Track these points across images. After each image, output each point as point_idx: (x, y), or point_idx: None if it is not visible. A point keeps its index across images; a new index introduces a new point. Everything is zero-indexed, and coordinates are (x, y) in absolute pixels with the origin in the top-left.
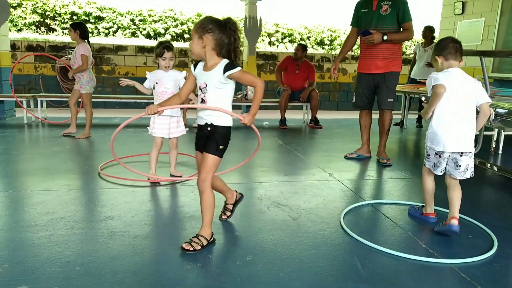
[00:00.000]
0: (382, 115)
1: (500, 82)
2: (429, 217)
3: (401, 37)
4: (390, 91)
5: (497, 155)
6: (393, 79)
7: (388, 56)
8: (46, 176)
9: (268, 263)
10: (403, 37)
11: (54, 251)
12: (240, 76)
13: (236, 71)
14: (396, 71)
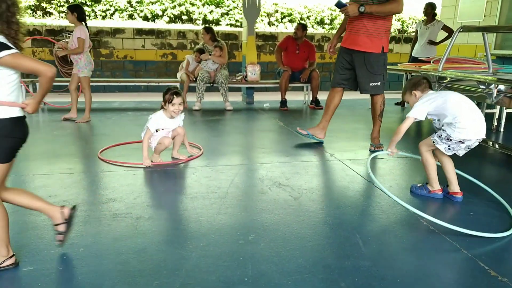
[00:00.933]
0: (371, 100)
1: (502, 59)
2: (437, 194)
3: (384, 10)
4: (371, 75)
5: (499, 133)
6: (374, 61)
7: (371, 33)
8: (47, 160)
9: (270, 242)
10: (387, 10)
11: None
12: (12, 63)
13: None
14: (376, 52)
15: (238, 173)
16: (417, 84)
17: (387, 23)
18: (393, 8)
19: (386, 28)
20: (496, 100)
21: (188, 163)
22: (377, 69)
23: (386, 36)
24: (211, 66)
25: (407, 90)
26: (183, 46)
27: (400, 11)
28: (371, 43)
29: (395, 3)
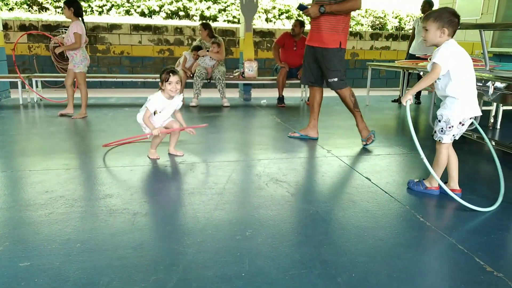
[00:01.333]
0: (339, 96)
1: (499, 57)
2: (434, 190)
3: (343, 8)
4: (329, 71)
5: (495, 130)
6: (330, 57)
7: (329, 30)
8: (44, 156)
9: (268, 237)
10: (346, 8)
11: (54, 229)
12: None
13: None
14: (333, 47)
15: (235, 169)
16: (452, 21)
17: (345, 19)
18: (352, 5)
19: (343, 25)
20: (492, 97)
21: (185, 159)
22: (334, 64)
23: (344, 32)
24: (208, 63)
25: (435, 20)
26: (180, 42)
27: (359, 7)
28: (329, 39)
29: (353, 1)
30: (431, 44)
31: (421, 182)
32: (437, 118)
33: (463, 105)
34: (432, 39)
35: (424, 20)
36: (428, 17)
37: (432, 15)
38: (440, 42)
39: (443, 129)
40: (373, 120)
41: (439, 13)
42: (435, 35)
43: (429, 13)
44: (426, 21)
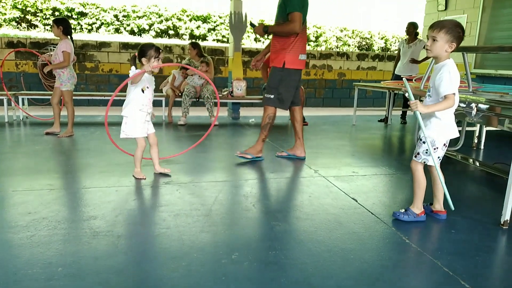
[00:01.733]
0: None
1: (482, 78)
2: (423, 216)
3: (282, 30)
4: (268, 87)
5: (479, 151)
6: (273, 74)
7: (277, 48)
8: (27, 176)
9: (254, 261)
10: (284, 30)
11: (36, 252)
12: None
13: None
14: (277, 66)
15: (222, 190)
16: (460, 38)
17: (294, 40)
18: (288, 27)
19: (292, 45)
20: (476, 119)
21: (171, 180)
22: (273, 82)
23: (291, 53)
24: (197, 81)
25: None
26: (169, 61)
27: (296, 31)
28: (276, 58)
29: (291, 25)
30: (433, 55)
31: (410, 210)
32: (421, 140)
33: (448, 126)
34: (438, 52)
35: (434, 29)
36: (441, 28)
37: (446, 26)
38: (443, 57)
39: (427, 150)
40: (359, 140)
41: (453, 26)
42: (442, 48)
43: (441, 22)
44: (438, 31)
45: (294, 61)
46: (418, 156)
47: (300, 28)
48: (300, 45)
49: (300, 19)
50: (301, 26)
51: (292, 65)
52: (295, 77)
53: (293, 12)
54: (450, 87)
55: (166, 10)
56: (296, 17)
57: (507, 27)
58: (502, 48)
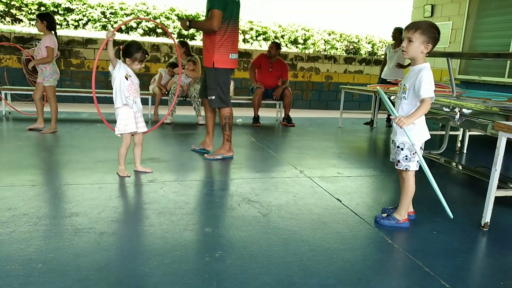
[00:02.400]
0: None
1: (466, 84)
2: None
3: (201, 26)
4: (208, 89)
5: (462, 154)
6: (208, 75)
7: (207, 48)
8: (9, 171)
9: (237, 259)
10: (203, 26)
11: (15, 248)
12: None
13: None
14: (209, 66)
15: (207, 189)
16: (436, 39)
17: (221, 39)
18: (207, 24)
19: (219, 45)
20: (459, 123)
21: (156, 178)
22: (211, 82)
23: (219, 52)
24: (184, 80)
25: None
26: (157, 59)
27: (213, 28)
28: (207, 57)
29: (208, 22)
30: (409, 56)
31: (392, 216)
32: (398, 147)
33: (422, 129)
34: (414, 53)
35: (410, 30)
36: (416, 28)
37: (421, 27)
38: (419, 58)
39: (407, 156)
40: (345, 141)
41: (428, 26)
42: (418, 49)
43: (416, 23)
44: (413, 32)
45: (224, 61)
46: (399, 164)
47: (217, 25)
48: (229, 44)
49: (218, 17)
50: (219, 23)
51: (222, 65)
52: (227, 76)
53: (212, 9)
54: (430, 91)
55: (155, 8)
56: (215, 14)
57: (490, 35)
58: (485, 54)
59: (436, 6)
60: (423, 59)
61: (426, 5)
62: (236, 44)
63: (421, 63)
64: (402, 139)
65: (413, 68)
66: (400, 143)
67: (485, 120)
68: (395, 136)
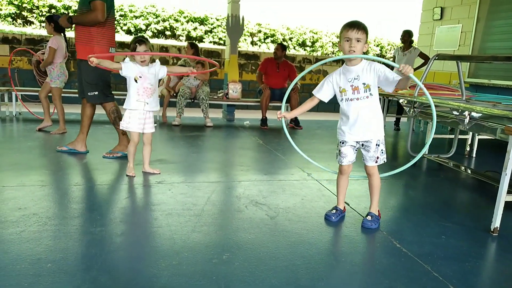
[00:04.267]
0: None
1: (475, 87)
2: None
3: (85, 19)
4: (87, 84)
5: (471, 158)
6: (87, 70)
7: (82, 41)
8: (19, 172)
9: (245, 262)
10: (87, 19)
11: (25, 247)
12: None
13: None
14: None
15: (215, 191)
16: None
17: (101, 31)
18: (92, 18)
19: (99, 37)
20: (468, 127)
21: (164, 179)
22: (90, 78)
23: (100, 45)
24: (193, 82)
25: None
26: (166, 62)
27: (99, 20)
28: (83, 51)
29: (93, 14)
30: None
31: (374, 216)
32: (377, 145)
33: None
34: (360, 52)
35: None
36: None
37: (364, 27)
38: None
39: (383, 150)
40: None
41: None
42: (363, 48)
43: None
44: (362, 32)
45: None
46: (379, 159)
47: (103, 17)
48: (109, 37)
49: (103, 8)
50: (104, 15)
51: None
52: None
53: (95, 1)
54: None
55: (164, 10)
56: (98, 6)
57: (501, 38)
58: (495, 57)
59: (446, 8)
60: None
61: (435, 7)
62: (113, 38)
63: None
64: (378, 136)
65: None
66: (378, 139)
67: (495, 124)
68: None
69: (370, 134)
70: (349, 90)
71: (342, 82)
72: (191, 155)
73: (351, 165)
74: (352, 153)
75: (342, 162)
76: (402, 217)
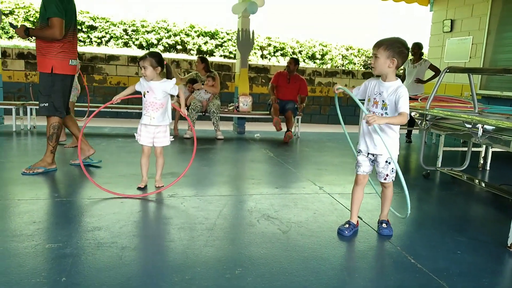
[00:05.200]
0: None
1: (487, 99)
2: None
3: (42, 34)
4: (41, 95)
5: (485, 171)
6: (43, 81)
7: (42, 53)
8: (33, 185)
9: (258, 277)
10: (44, 34)
11: (39, 261)
12: None
13: None
14: (44, 71)
15: (227, 204)
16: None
17: (60, 44)
18: (49, 34)
19: (58, 49)
20: (482, 140)
21: (176, 193)
22: (45, 89)
23: (59, 57)
24: (204, 96)
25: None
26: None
27: (57, 37)
28: (42, 63)
29: (50, 30)
30: (378, 72)
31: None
32: (387, 162)
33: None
34: (381, 68)
35: (375, 47)
36: (380, 45)
37: (384, 43)
38: (387, 72)
39: (393, 168)
40: None
41: (391, 42)
42: (384, 64)
43: (381, 41)
44: (377, 48)
45: (64, 67)
46: (388, 177)
47: (60, 34)
48: (69, 50)
49: (60, 25)
50: (62, 31)
51: (62, 71)
52: (66, 82)
53: (52, 17)
54: (408, 106)
55: (175, 25)
56: (55, 23)
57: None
58: (507, 70)
59: (456, 21)
60: (393, 74)
61: (445, 20)
62: (75, 50)
63: (393, 80)
64: (387, 153)
65: (389, 85)
66: (387, 157)
67: (509, 137)
68: (375, 149)
69: (380, 149)
70: (371, 101)
71: (371, 91)
72: (202, 168)
73: (367, 176)
74: (368, 164)
75: (357, 171)
76: (415, 231)
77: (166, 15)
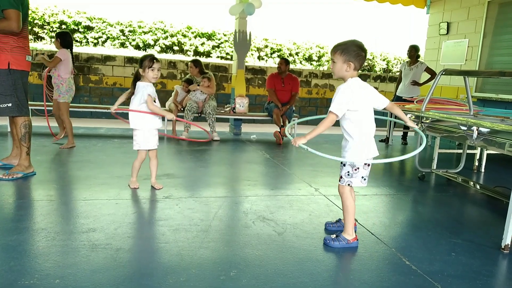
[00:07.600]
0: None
1: (483, 102)
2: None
3: None
4: (1, 96)
5: (480, 173)
6: (4, 78)
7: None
8: (27, 186)
9: (252, 279)
10: (1, 26)
11: (33, 263)
12: None
13: None
14: (2, 68)
15: (222, 206)
16: (358, 55)
17: (16, 39)
18: (5, 27)
19: (15, 44)
20: (476, 142)
21: (171, 194)
22: (5, 88)
23: (15, 52)
24: (199, 97)
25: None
26: (173, 76)
27: (15, 30)
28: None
29: (6, 22)
30: (337, 76)
31: (341, 236)
32: (341, 163)
33: (363, 145)
34: (339, 73)
35: (331, 52)
36: (336, 50)
37: (339, 48)
38: (346, 76)
39: (349, 172)
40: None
41: (346, 46)
42: (341, 68)
43: (336, 45)
44: (333, 53)
45: (21, 63)
46: (342, 179)
47: (18, 27)
48: (24, 45)
49: (17, 18)
50: (19, 24)
51: (19, 66)
52: (25, 79)
53: (8, 9)
54: (334, 106)
55: (172, 26)
56: (12, 15)
57: (508, 52)
58: (502, 73)
59: (452, 23)
60: (351, 77)
61: (441, 22)
62: (28, 45)
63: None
64: (343, 154)
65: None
66: (344, 160)
67: (504, 139)
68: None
69: (342, 150)
70: None
71: None
72: (198, 170)
73: None
74: None
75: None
76: (410, 233)
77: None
